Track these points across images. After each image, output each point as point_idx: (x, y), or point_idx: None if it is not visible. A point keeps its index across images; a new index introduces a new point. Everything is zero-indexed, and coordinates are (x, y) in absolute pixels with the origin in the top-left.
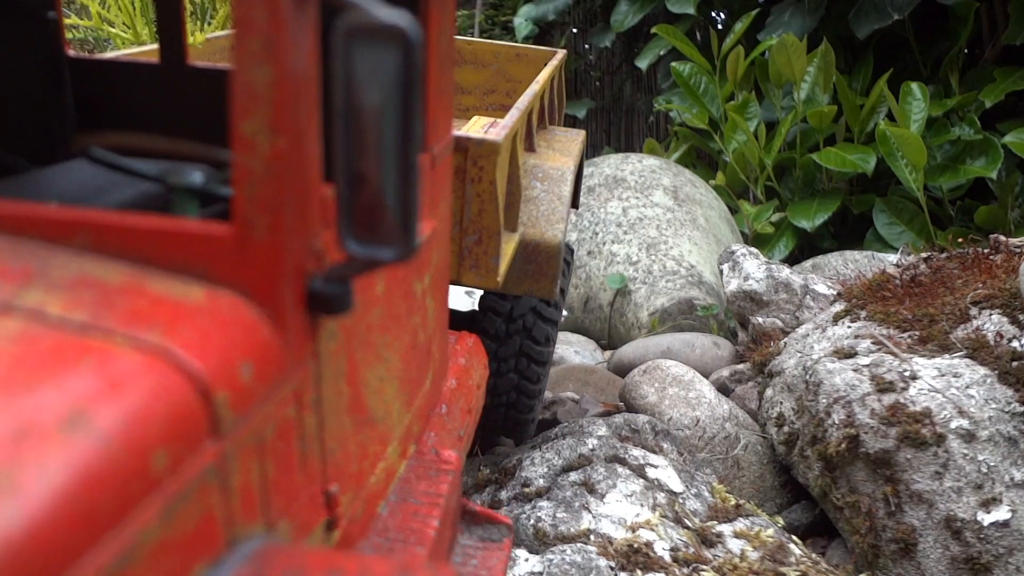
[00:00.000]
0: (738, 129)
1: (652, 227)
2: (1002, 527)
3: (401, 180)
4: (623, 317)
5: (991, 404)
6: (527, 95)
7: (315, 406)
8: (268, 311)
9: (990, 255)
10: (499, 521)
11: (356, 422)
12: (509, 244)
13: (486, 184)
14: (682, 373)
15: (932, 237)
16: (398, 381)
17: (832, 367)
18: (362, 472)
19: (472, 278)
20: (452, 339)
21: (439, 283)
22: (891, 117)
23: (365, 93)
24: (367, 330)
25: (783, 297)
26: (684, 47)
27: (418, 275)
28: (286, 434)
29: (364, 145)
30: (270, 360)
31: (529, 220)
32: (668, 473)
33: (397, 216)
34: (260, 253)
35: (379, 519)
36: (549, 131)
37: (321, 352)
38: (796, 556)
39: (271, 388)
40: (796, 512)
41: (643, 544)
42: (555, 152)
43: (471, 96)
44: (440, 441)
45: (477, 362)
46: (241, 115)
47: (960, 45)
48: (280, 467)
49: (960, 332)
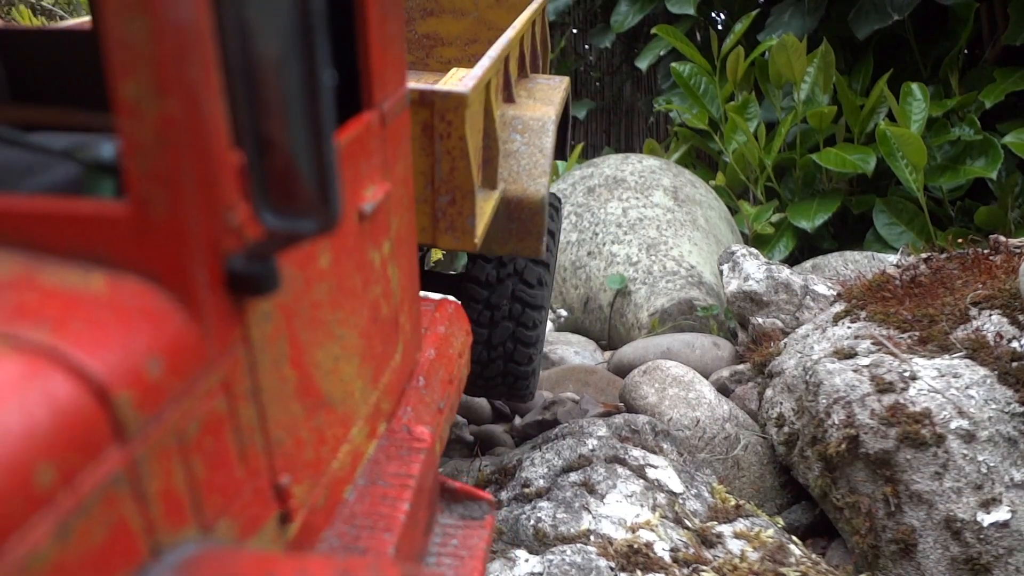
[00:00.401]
0: (738, 129)
1: (652, 228)
2: (1002, 527)
3: (313, 142)
4: (623, 318)
5: (991, 404)
6: (500, 42)
7: (252, 395)
8: (180, 296)
9: (990, 255)
10: (480, 498)
11: (308, 407)
12: (488, 202)
13: (455, 140)
14: (682, 374)
15: (932, 237)
16: (359, 358)
17: (832, 368)
18: (320, 459)
19: (448, 241)
20: (431, 306)
21: (403, 250)
22: (891, 117)
23: (260, 42)
24: (313, 308)
25: (783, 298)
26: (684, 48)
27: (374, 244)
28: (216, 429)
29: (266, 104)
30: (185, 351)
31: (510, 175)
32: (668, 474)
33: (313, 183)
34: (162, 232)
35: (345, 505)
36: (531, 80)
37: (253, 337)
38: (796, 556)
39: (189, 382)
40: (796, 512)
41: (643, 545)
42: (536, 102)
43: (452, 47)
44: (417, 416)
45: (458, 329)
46: (120, 77)
47: (960, 45)
48: (212, 465)
49: (960, 333)
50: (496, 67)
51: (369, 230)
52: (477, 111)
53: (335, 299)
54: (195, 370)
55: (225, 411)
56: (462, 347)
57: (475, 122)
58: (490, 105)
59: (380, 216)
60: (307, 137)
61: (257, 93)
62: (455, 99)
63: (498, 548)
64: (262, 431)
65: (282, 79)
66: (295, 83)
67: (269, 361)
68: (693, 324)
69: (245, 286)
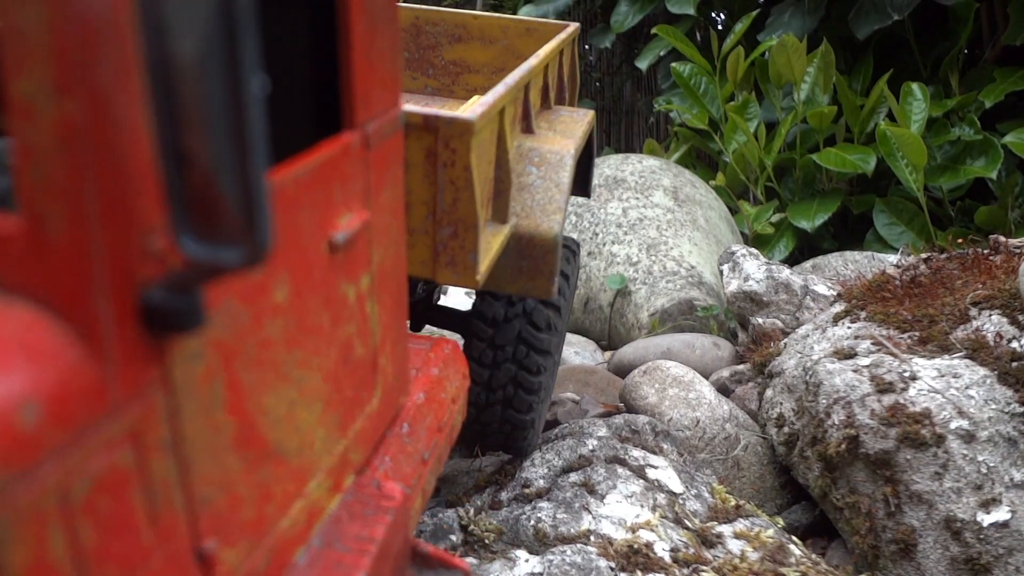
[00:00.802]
0: (738, 130)
1: (652, 228)
2: (1002, 527)
3: (237, 159)
4: (623, 318)
5: (991, 405)
6: (521, 69)
7: (171, 447)
8: (78, 329)
9: (990, 256)
10: (454, 566)
11: (250, 458)
12: (496, 237)
13: (460, 170)
14: (682, 374)
15: (932, 237)
16: (322, 403)
17: (832, 368)
18: (264, 518)
19: (448, 276)
20: (425, 345)
21: (387, 285)
22: (891, 117)
23: (176, 39)
24: (263, 347)
25: (783, 298)
26: (684, 48)
27: (349, 277)
28: (117, 486)
29: (184, 112)
30: (77, 395)
31: (523, 210)
32: (668, 474)
33: (238, 208)
34: (58, 253)
35: (294, 570)
36: (553, 111)
37: (176, 379)
38: (796, 557)
39: (80, 431)
40: (796, 513)
41: (643, 545)
42: (556, 134)
43: (479, 75)
44: (395, 467)
45: (454, 372)
46: (13, 72)
47: (960, 45)
48: (108, 529)
49: (960, 333)
50: (512, 95)
51: (342, 262)
52: (487, 140)
53: (293, 337)
54: (90, 418)
55: (132, 465)
56: (457, 392)
57: (484, 151)
58: (504, 134)
59: (357, 247)
60: (231, 153)
61: (173, 99)
62: (460, 126)
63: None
64: (183, 488)
65: (202, 84)
66: (217, 89)
67: (198, 407)
68: (693, 324)
69: (164, 322)
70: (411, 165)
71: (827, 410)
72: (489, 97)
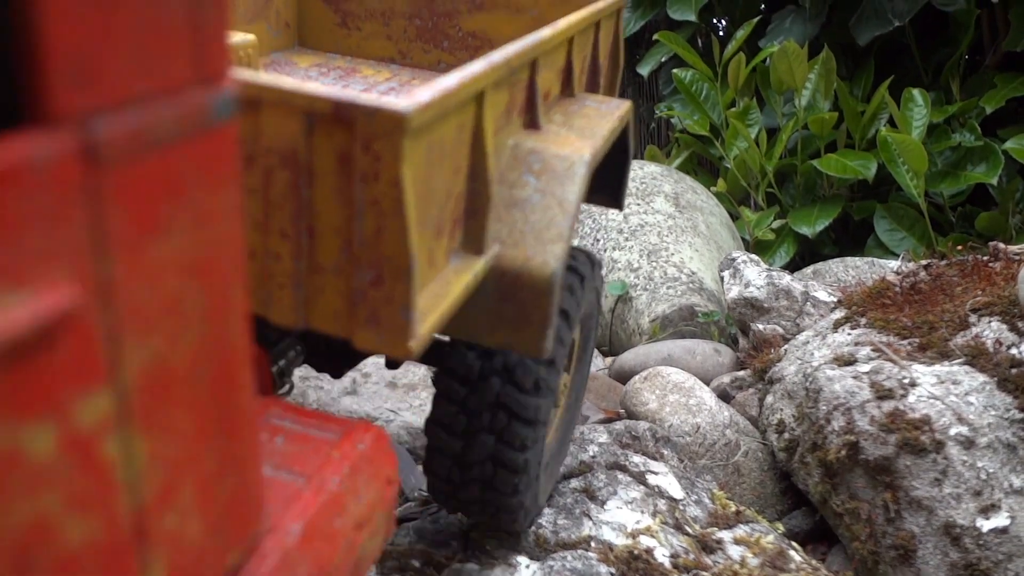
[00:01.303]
0: (739, 136)
1: (653, 234)
2: (1001, 533)
3: None
4: (624, 324)
5: (990, 411)
6: (521, 42)
7: None
8: None
9: (989, 262)
10: None
11: None
12: (460, 277)
13: (385, 185)
14: (683, 380)
15: (933, 243)
16: None
17: (832, 374)
18: None
19: (368, 338)
20: (332, 434)
21: (177, 394)
22: (892, 123)
23: None
24: None
25: (784, 304)
26: (686, 54)
27: (42, 407)
28: None
29: None
30: None
31: (510, 235)
32: (668, 480)
33: None
34: None
35: None
36: (577, 101)
37: None
38: (796, 562)
39: None
40: (796, 518)
41: (643, 551)
42: (570, 132)
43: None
44: None
45: (366, 480)
46: None
47: (961, 51)
48: None
49: (959, 339)
50: (499, 76)
51: (24, 382)
52: (446, 140)
53: None
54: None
55: None
56: (367, 511)
57: (438, 157)
58: (482, 130)
59: (66, 348)
60: None
61: None
62: (386, 120)
63: (499, 555)
64: None
65: None
66: None
67: None
68: (694, 330)
69: None
70: (317, 175)
71: (827, 416)
72: (451, 78)
